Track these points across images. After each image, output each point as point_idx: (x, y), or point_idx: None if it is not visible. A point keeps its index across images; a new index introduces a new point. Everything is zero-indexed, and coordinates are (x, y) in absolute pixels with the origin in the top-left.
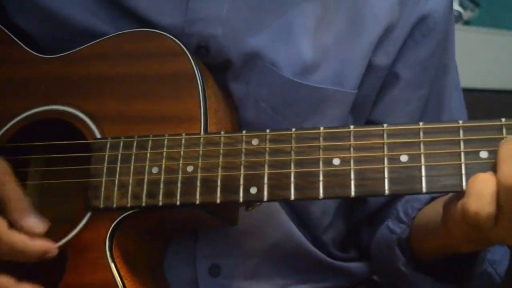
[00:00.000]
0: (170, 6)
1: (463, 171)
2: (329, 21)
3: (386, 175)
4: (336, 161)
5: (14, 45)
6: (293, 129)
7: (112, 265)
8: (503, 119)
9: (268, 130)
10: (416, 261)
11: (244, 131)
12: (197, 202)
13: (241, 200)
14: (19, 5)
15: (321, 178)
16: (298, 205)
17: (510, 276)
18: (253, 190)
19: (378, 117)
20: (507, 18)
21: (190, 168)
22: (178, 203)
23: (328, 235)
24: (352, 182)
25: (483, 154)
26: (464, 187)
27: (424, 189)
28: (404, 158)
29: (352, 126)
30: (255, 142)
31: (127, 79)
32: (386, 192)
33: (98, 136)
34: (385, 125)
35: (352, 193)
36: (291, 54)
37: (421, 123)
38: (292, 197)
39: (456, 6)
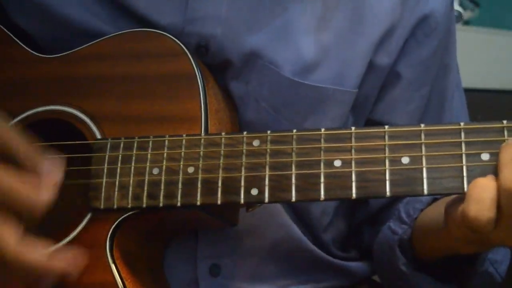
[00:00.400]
0: (170, 6)
1: (465, 173)
2: (329, 21)
3: (387, 177)
4: (337, 163)
5: (14, 45)
6: (294, 130)
7: (113, 266)
8: (504, 121)
9: (269, 131)
10: (418, 261)
11: (245, 132)
12: (198, 203)
13: (242, 201)
14: (19, 5)
15: (322, 179)
16: (298, 205)
17: (511, 276)
18: (254, 191)
19: (379, 117)
20: (507, 18)
21: (191, 169)
22: (179, 204)
23: (328, 235)
24: (353, 184)
25: (485, 156)
26: (465, 189)
27: (425, 191)
28: (405, 160)
29: (353, 128)
30: (256, 143)
31: (127, 79)
32: (387, 194)
33: (99, 136)
34: (386, 126)
35: (353, 195)
36: (291, 53)
37: (422, 125)
38: (293, 199)
39: (456, 6)
